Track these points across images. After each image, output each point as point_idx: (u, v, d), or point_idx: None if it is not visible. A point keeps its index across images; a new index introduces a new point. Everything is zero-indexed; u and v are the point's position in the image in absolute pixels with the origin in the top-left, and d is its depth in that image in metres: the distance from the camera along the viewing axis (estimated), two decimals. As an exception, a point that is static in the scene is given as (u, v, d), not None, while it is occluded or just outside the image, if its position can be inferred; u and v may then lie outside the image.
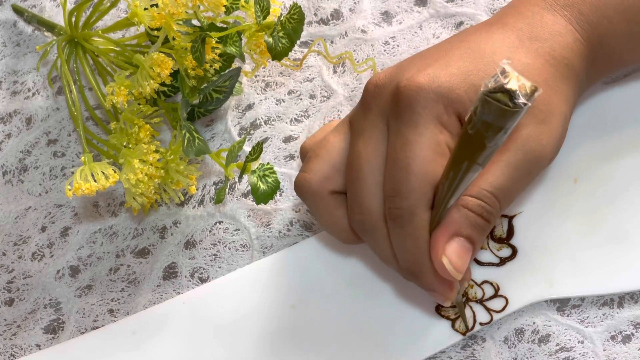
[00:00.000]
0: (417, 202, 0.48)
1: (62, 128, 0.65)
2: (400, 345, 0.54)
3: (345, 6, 0.65)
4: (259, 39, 0.58)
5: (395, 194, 0.48)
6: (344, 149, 0.51)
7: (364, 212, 0.50)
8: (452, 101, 0.48)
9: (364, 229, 0.50)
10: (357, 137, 0.51)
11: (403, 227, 0.48)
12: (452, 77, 0.49)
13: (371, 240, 0.51)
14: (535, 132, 0.49)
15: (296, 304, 0.56)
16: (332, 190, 0.52)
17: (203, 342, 0.56)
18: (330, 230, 0.53)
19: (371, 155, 0.49)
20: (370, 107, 0.50)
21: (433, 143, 0.48)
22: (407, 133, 0.48)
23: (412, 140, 0.48)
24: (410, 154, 0.48)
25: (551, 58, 0.50)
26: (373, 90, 0.51)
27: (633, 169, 0.57)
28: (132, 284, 0.59)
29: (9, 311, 0.59)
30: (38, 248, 0.61)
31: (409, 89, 0.48)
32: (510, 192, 0.49)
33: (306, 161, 0.52)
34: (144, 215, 0.61)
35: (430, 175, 0.48)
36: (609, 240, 0.55)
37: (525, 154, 0.49)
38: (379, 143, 0.49)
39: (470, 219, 0.48)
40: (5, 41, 0.68)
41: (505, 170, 0.48)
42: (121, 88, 0.55)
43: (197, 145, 0.54)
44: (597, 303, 0.55)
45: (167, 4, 0.53)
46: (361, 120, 0.51)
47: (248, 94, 0.64)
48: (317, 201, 0.52)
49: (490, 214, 0.49)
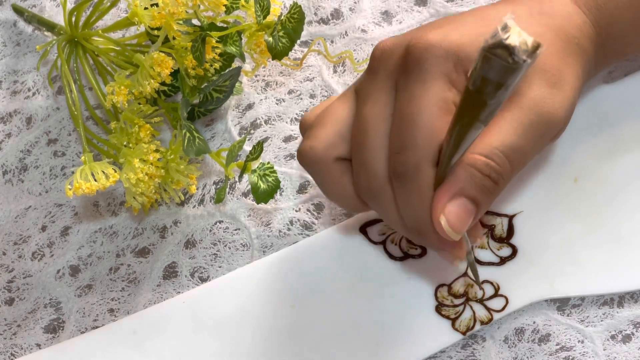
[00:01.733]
0: (422, 157, 0.46)
1: (62, 128, 0.65)
2: (400, 345, 0.54)
3: (346, 6, 0.66)
4: (259, 39, 0.58)
5: (399, 150, 0.47)
6: (349, 116, 0.50)
7: (370, 176, 0.48)
8: (461, 59, 0.47)
9: (370, 194, 0.49)
10: (364, 101, 0.49)
11: (407, 184, 0.47)
12: (463, 36, 0.48)
13: (377, 204, 0.49)
14: (547, 95, 0.48)
15: (296, 304, 0.56)
16: (337, 157, 0.50)
17: (203, 341, 0.56)
18: (336, 198, 0.51)
19: (378, 118, 0.48)
20: (378, 71, 0.49)
21: (440, 99, 0.47)
22: (414, 89, 0.47)
23: (418, 96, 0.47)
24: (417, 109, 0.47)
25: (562, 34, 0.50)
26: (380, 55, 0.50)
27: (633, 169, 0.57)
28: (132, 283, 0.59)
29: (9, 311, 0.60)
30: (38, 247, 0.61)
31: (418, 46, 0.47)
32: (523, 153, 0.47)
33: (310, 129, 0.51)
34: (144, 215, 0.61)
35: (436, 132, 0.46)
36: (609, 240, 0.55)
37: (537, 115, 0.47)
38: (386, 106, 0.48)
39: (477, 179, 0.46)
40: (5, 41, 0.68)
41: (518, 129, 0.47)
42: (121, 88, 0.55)
43: (197, 145, 0.54)
44: (597, 302, 0.55)
45: (167, 4, 0.53)
46: (368, 85, 0.50)
47: (248, 93, 0.64)
48: (322, 169, 0.50)
49: (499, 175, 0.47)
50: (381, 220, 0.57)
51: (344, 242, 0.57)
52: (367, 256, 0.57)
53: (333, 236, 0.57)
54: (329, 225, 0.59)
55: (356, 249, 0.57)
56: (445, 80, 0.47)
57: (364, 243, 0.57)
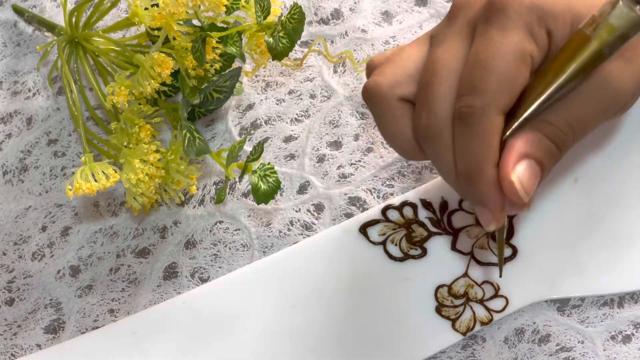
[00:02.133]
0: (491, 102, 0.46)
1: (62, 128, 0.65)
2: (400, 345, 0.54)
3: (346, 6, 0.66)
4: (259, 39, 0.58)
5: (469, 92, 0.46)
6: (421, 58, 0.49)
7: (431, 116, 0.47)
8: (546, 15, 0.46)
9: (429, 134, 0.48)
10: (438, 44, 0.49)
11: (471, 126, 0.46)
12: None
13: (433, 146, 0.48)
14: (618, 69, 0.47)
15: (296, 304, 0.56)
16: (402, 97, 0.49)
17: (203, 342, 0.56)
18: (392, 139, 0.50)
19: (450, 61, 0.47)
20: (457, 17, 0.49)
21: (519, 49, 0.46)
22: (493, 34, 0.46)
23: (497, 41, 0.46)
24: (493, 53, 0.46)
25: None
26: (460, 3, 0.49)
27: (633, 169, 0.57)
28: (132, 283, 0.59)
29: (9, 311, 0.60)
30: (38, 248, 0.61)
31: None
32: (586, 125, 0.48)
33: (379, 67, 0.50)
34: (144, 215, 0.61)
35: (509, 79, 0.46)
36: (609, 240, 0.55)
37: (604, 88, 0.47)
38: (460, 50, 0.48)
39: (544, 144, 0.46)
40: (5, 41, 0.68)
41: (584, 101, 0.47)
42: (122, 88, 0.55)
43: (197, 145, 0.54)
44: (597, 303, 0.55)
45: (167, 4, 0.53)
46: (445, 30, 0.49)
47: (248, 93, 0.64)
48: (384, 105, 0.49)
49: (563, 142, 0.47)
50: (381, 220, 0.57)
51: (344, 242, 0.57)
52: (367, 257, 0.57)
53: (333, 236, 0.57)
54: (329, 226, 0.59)
55: (356, 249, 0.57)
56: (526, 31, 0.46)
57: (364, 243, 0.57)
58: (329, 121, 0.62)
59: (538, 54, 0.47)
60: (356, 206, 0.59)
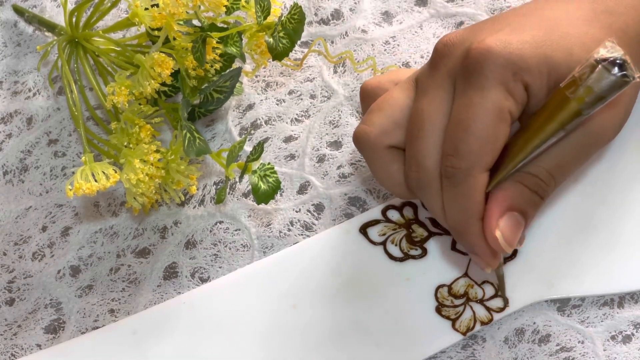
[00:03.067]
0: (474, 163, 0.48)
1: (62, 128, 0.65)
2: (401, 345, 0.54)
3: (346, 6, 0.66)
4: (259, 39, 0.58)
5: (453, 153, 0.48)
6: (407, 105, 0.51)
7: (421, 169, 0.50)
8: (521, 69, 0.48)
9: (419, 186, 0.51)
10: (422, 95, 0.51)
11: (457, 186, 0.49)
12: (525, 45, 0.48)
13: (424, 196, 0.51)
14: (599, 115, 0.49)
15: (296, 304, 0.56)
16: (390, 145, 0.52)
17: (203, 342, 0.56)
18: (384, 184, 0.53)
19: (434, 114, 0.50)
20: (439, 67, 0.50)
21: (497, 108, 0.48)
22: (472, 95, 0.48)
23: (476, 103, 0.48)
24: (473, 115, 0.48)
25: (623, 34, 0.50)
26: (442, 50, 0.51)
27: (633, 170, 0.57)
28: (132, 283, 0.59)
29: (9, 311, 0.60)
30: (39, 248, 0.61)
31: (479, 52, 0.48)
32: (567, 170, 0.50)
33: (367, 113, 0.53)
34: (144, 215, 0.61)
35: (490, 139, 0.48)
36: (609, 240, 0.55)
37: (585, 135, 0.49)
38: (443, 103, 0.50)
39: (526, 195, 0.49)
40: (6, 41, 0.68)
41: (564, 150, 0.49)
42: (122, 88, 0.55)
43: (197, 145, 0.54)
44: (597, 303, 0.55)
45: (167, 4, 0.53)
46: (428, 79, 0.51)
47: (248, 94, 0.64)
48: (374, 154, 0.52)
49: (545, 191, 0.49)
50: (381, 220, 0.57)
51: (344, 242, 0.57)
52: (367, 257, 0.57)
53: (333, 237, 0.57)
54: (329, 226, 0.59)
55: (356, 249, 0.57)
56: (502, 89, 0.48)
57: (364, 244, 0.57)
58: (329, 121, 0.62)
59: (516, 109, 0.49)
60: (356, 206, 0.59)
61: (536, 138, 0.47)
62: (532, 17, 0.50)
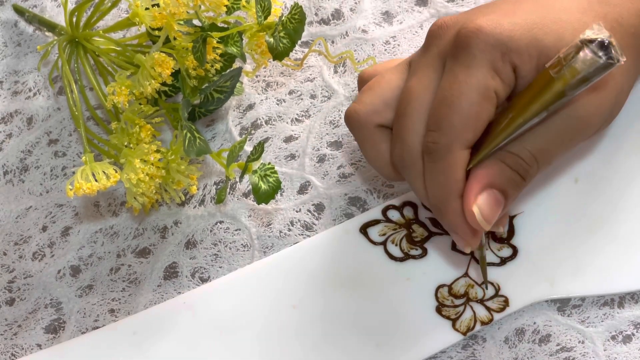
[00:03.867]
0: (455, 139, 0.48)
1: (63, 128, 0.65)
2: (401, 345, 0.54)
3: (346, 6, 0.66)
4: (260, 39, 0.58)
5: (435, 129, 0.48)
6: (398, 86, 0.52)
7: (405, 147, 0.50)
8: (510, 50, 0.48)
9: (403, 164, 0.51)
10: (413, 74, 0.51)
11: (437, 162, 0.49)
12: (516, 26, 0.48)
13: (408, 174, 0.51)
14: (584, 99, 0.49)
15: (297, 304, 0.56)
16: (379, 124, 0.52)
17: (203, 342, 0.56)
18: (373, 163, 0.53)
19: (422, 92, 0.50)
20: (430, 47, 0.51)
21: (482, 86, 0.48)
22: (458, 72, 0.48)
23: (461, 80, 0.48)
24: (457, 91, 0.48)
25: (618, 25, 0.50)
26: (436, 31, 0.51)
27: (633, 169, 0.57)
28: (132, 283, 0.59)
29: (9, 311, 0.60)
30: (39, 248, 0.61)
31: (469, 30, 0.48)
32: (550, 154, 0.49)
33: (360, 94, 0.53)
34: (144, 215, 0.61)
35: (473, 116, 0.48)
36: (609, 240, 0.55)
37: (569, 118, 0.49)
38: (431, 81, 0.50)
39: (506, 173, 0.49)
40: (6, 41, 0.68)
41: (548, 132, 0.49)
42: (122, 88, 0.55)
43: (198, 145, 0.54)
44: (597, 303, 0.55)
45: (168, 4, 0.53)
46: (419, 59, 0.51)
47: (249, 94, 0.64)
48: (363, 133, 0.52)
49: (526, 172, 0.49)
50: (381, 220, 0.57)
51: (344, 242, 0.57)
52: (367, 257, 0.57)
53: (333, 237, 0.57)
54: (329, 226, 0.59)
55: (356, 249, 0.57)
56: (489, 68, 0.48)
57: (364, 243, 0.57)
58: (329, 121, 0.62)
59: (503, 89, 0.49)
60: (356, 206, 0.59)
61: (519, 117, 0.47)
62: (527, 2, 0.50)
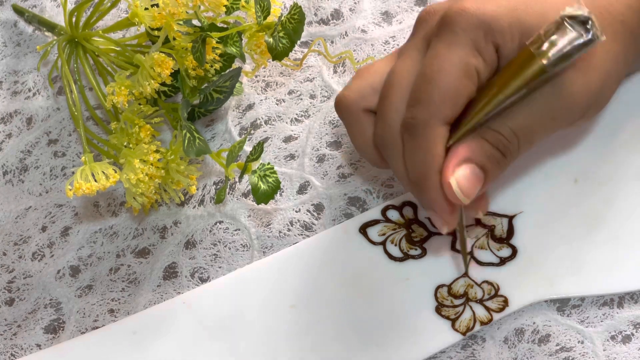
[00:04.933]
0: (433, 115, 0.48)
1: (62, 128, 0.65)
2: (400, 345, 0.54)
3: (346, 6, 0.66)
4: (259, 39, 0.58)
5: (414, 104, 0.48)
6: (386, 72, 0.52)
7: (385, 126, 0.50)
8: (493, 30, 0.48)
9: (383, 144, 0.51)
10: (398, 57, 0.51)
11: (415, 137, 0.48)
12: (500, 8, 0.49)
13: (388, 155, 0.51)
14: (569, 79, 0.49)
15: (296, 304, 0.56)
16: (367, 108, 0.52)
17: (203, 342, 0.56)
18: (359, 148, 0.53)
19: (404, 73, 0.50)
20: (417, 31, 0.51)
21: (463, 63, 0.48)
22: (439, 48, 0.48)
23: (442, 55, 0.48)
24: (437, 67, 0.48)
25: (605, 12, 0.50)
26: (423, 17, 0.51)
27: (633, 169, 0.57)
28: (132, 283, 0.59)
29: (9, 311, 0.60)
30: (38, 248, 0.61)
31: (454, 11, 0.49)
32: (532, 133, 0.49)
33: (350, 81, 0.53)
34: (144, 215, 0.61)
35: (452, 92, 0.48)
36: (609, 240, 0.55)
37: (552, 96, 0.49)
38: (415, 63, 0.50)
39: (486, 149, 0.48)
40: (5, 41, 0.68)
41: (530, 110, 0.49)
42: (122, 88, 0.55)
43: (197, 145, 0.54)
44: (597, 303, 0.55)
45: (167, 4, 0.53)
46: (406, 44, 0.52)
47: (248, 94, 0.64)
48: (351, 117, 0.52)
49: (507, 149, 0.49)
50: (381, 220, 0.57)
51: (344, 242, 0.57)
52: (367, 257, 0.57)
53: (333, 237, 0.57)
54: (329, 226, 0.59)
55: (356, 249, 0.57)
56: (472, 46, 0.48)
57: (364, 243, 0.57)
58: (328, 121, 0.62)
59: (485, 68, 0.49)
60: (356, 206, 0.59)
61: (500, 94, 0.47)
62: None
